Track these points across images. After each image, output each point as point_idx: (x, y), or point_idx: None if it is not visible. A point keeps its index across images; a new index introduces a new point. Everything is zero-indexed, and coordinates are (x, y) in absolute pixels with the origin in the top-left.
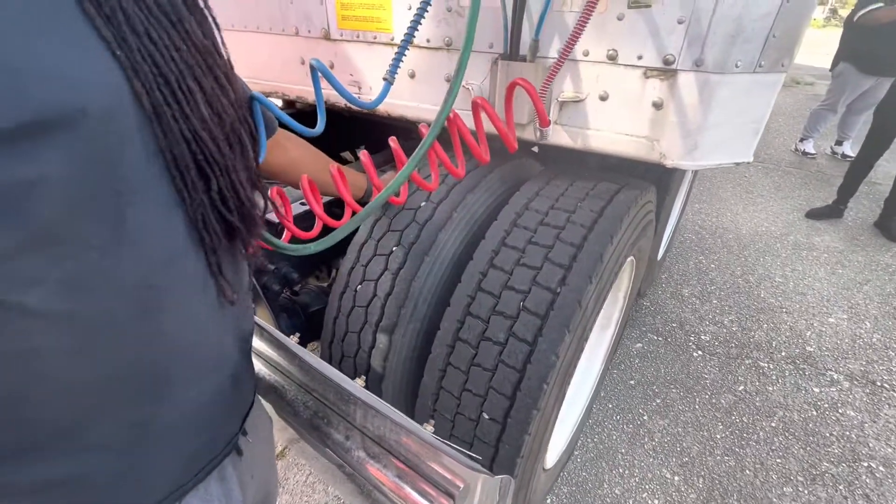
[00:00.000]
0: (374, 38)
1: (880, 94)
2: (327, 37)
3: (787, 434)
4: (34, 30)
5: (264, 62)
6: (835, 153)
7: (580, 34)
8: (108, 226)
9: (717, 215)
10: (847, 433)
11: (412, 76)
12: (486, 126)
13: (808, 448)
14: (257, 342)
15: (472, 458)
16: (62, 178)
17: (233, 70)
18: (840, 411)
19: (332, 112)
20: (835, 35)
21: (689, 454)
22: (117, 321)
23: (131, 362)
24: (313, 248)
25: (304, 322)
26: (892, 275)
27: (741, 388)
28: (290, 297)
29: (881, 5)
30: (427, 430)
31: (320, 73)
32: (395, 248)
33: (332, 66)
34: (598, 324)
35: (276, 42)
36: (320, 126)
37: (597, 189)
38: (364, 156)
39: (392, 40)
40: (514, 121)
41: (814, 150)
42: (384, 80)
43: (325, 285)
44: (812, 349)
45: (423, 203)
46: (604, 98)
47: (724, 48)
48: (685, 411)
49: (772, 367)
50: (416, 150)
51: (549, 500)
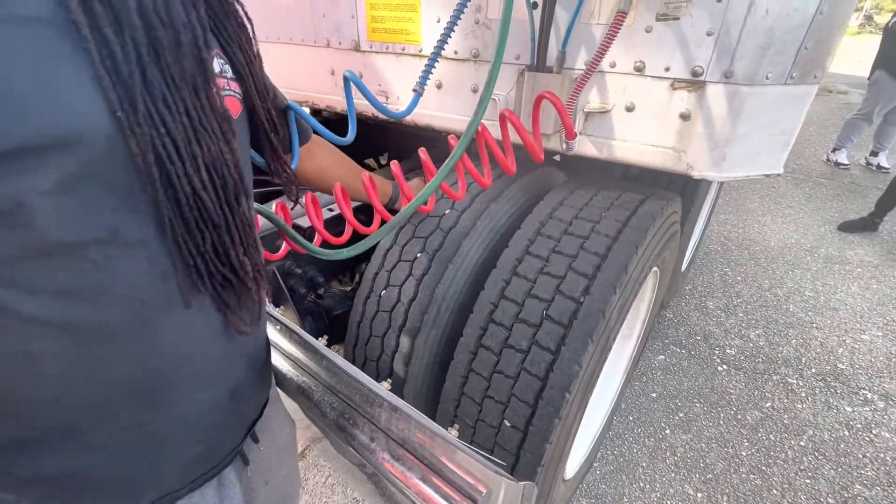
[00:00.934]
0: (403, 49)
1: None
2: (357, 48)
3: (816, 454)
4: (41, 76)
5: (296, 73)
6: (870, 164)
7: (608, 47)
8: (102, 241)
9: (743, 227)
10: (881, 455)
11: (439, 87)
12: (513, 136)
13: (840, 469)
14: (287, 344)
15: (495, 463)
16: (55, 194)
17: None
18: (874, 432)
19: (358, 121)
20: (869, 42)
21: (712, 471)
22: (112, 332)
23: (127, 370)
24: (346, 254)
25: (329, 325)
26: None
27: (768, 404)
28: (315, 301)
29: None
30: (451, 433)
31: (353, 84)
32: (419, 255)
33: (360, 77)
34: (620, 334)
35: (308, 53)
36: (351, 135)
37: (622, 199)
38: (395, 165)
39: (420, 52)
40: (543, 131)
41: (847, 161)
42: (414, 91)
43: (349, 289)
44: (844, 366)
45: (448, 211)
46: (630, 109)
47: (755, 60)
48: (709, 426)
49: (801, 383)
50: (446, 162)
51: None
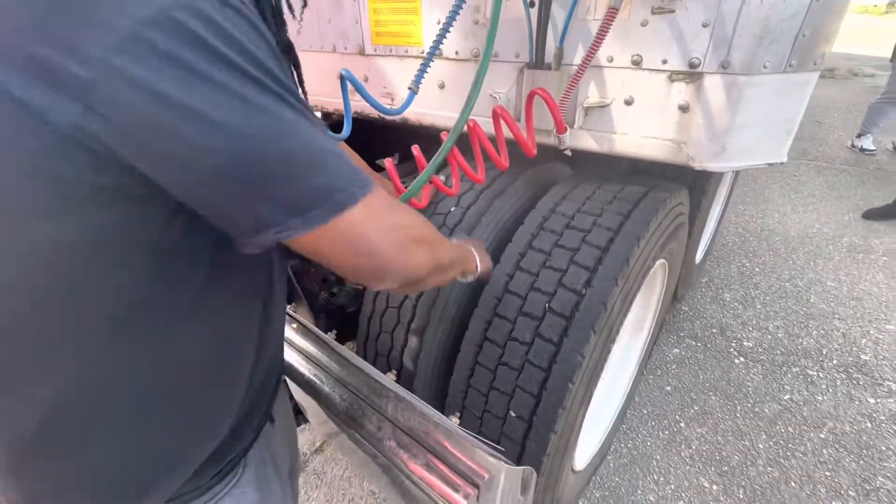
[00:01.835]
0: (406, 51)
1: None
2: (362, 52)
3: (837, 446)
4: None
5: (305, 78)
6: None
7: (601, 42)
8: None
9: (762, 217)
10: None
11: (441, 87)
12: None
13: (862, 462)
14: (299, 339)
15: (496, 449)
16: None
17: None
18: None
19: (368, 122)
20: None
21: (728, 463)
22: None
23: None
24: None
25: (341, 322)
26: None
27: (787, 396)
28: (327, 299)
29: None
30: (453, 421)
31: (349, 82)
32: None
33: (366, 80)
34: (628, 326)
35: (315, 59)
36: (346, 131)
37: (624, 192)
38: (388, 163)
39: (423, 53)
40: (539, 127)
41: (873, 147)
42: (409, 89)
43: (361, 287)
44: (867, 358)
45: (453, 208)
46: (629, 102)
47: (751, 49)
48: (725, 419)
49: (822, 375)
50: (435, 156)
51: None
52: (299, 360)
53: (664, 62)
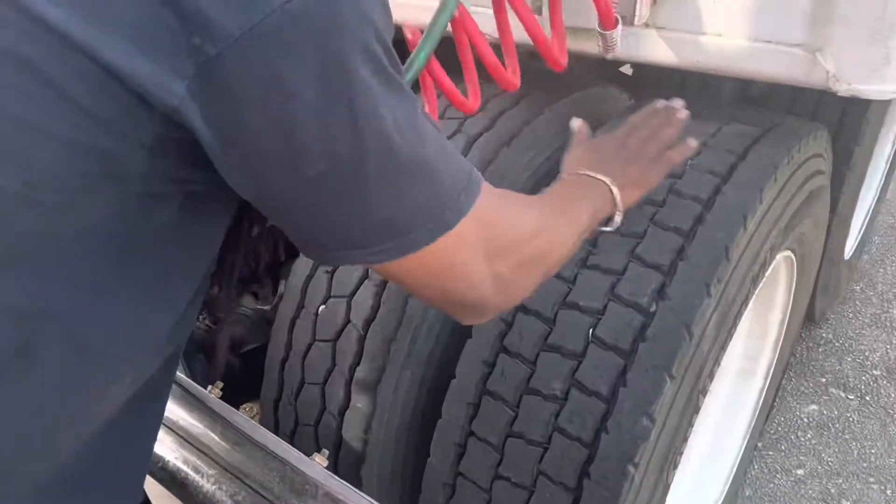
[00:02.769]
0: None
1: None
2: None
3: None
4: None
5: None
6: None
7: None
8: None
9: None
10: None
11: None
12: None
13: None
14: None
15: None
16: None
17: None
18: None
19: None
20: None
21: None
22: None
23: None
24: None
25: (234, 369)
26: None
27: None
28: (208, 328)
29: None
30: None
31: None
32: None
33: None
34: (730, 367)
35: None
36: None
37: (720, 137)
38: None
39: None
40: (575, 24)
41: None
42: None
43: (268, 308)
44: None
45: None
46: None
47: None
48: None
49: None
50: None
51: None
52: (160, 438)
53: None
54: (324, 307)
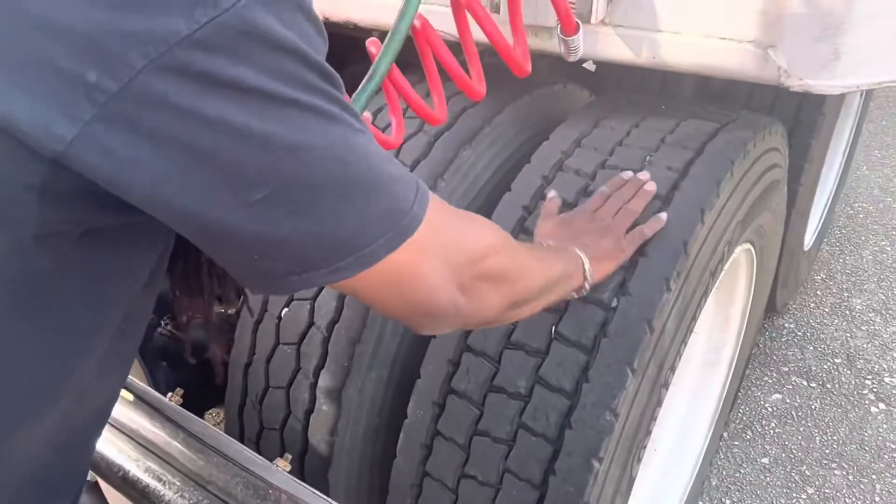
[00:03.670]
0: None
1: None
2: None
3: None
4: None
5: None
6: None
7: None
8: None
9: None
10: None
11: None
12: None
13: None
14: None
15: None
16: None
17: None
18: None
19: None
20: None
21: None
22: None
23: None
24: None
25: (196, 374)
26: None
27: None
28: (171, 334)
29: None
30: None
31: None
32: None
33: None
34: (693, 360)
35: None
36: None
37: (679, 132)
38: None
39: None
40: (536, 23)
41: None
42: None
43: (233, 312)
44: None
45: None
46: None
47: None
48: None
49: None
50: (363, 84)
51: None
52: (120, 447)
53: None
54: (287, 310)
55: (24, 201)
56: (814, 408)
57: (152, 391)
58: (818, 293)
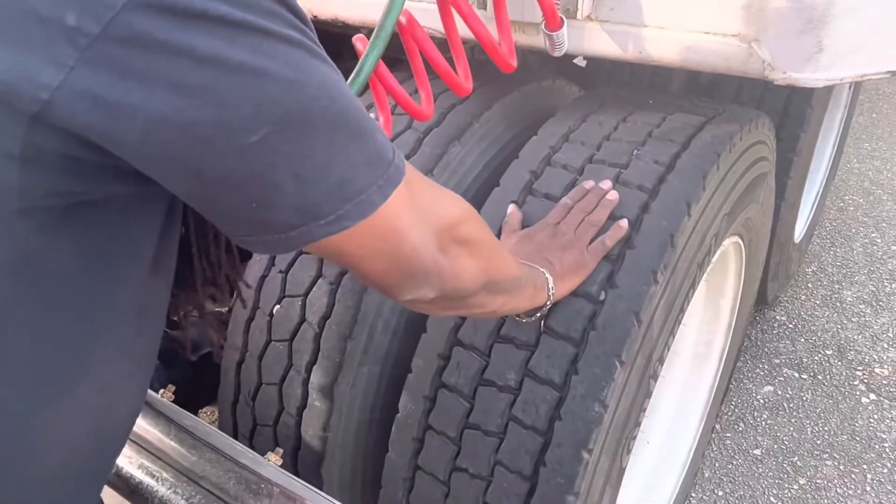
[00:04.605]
0: None
1: None
2: None
3: None
4: None
5: None
6: None
7: None
8: None
9: None
10: None
11: None
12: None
13: None
14: None
15: None
16: None
17: None
18: None
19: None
20: None
21: None
22: None
23: None
24: None
25: (190, 372)
26: None
27: None
28: (165, 333)
29: None
30: None
31: None
32: None
33: None
34: (683, 352)
35: None
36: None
37: (665, 126)
38: None
39: None
40: (522, 19)
41: None
42: None
43: (225, 310)
44: None
45: None
46: None
47: None
48: (850, 497)
49: None
50: (350, 79)
51: None
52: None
53: None
54: (279, 307)
55: (3, 172)
56: (805, 399)
57: (149, 390)
58: (809, 285)
